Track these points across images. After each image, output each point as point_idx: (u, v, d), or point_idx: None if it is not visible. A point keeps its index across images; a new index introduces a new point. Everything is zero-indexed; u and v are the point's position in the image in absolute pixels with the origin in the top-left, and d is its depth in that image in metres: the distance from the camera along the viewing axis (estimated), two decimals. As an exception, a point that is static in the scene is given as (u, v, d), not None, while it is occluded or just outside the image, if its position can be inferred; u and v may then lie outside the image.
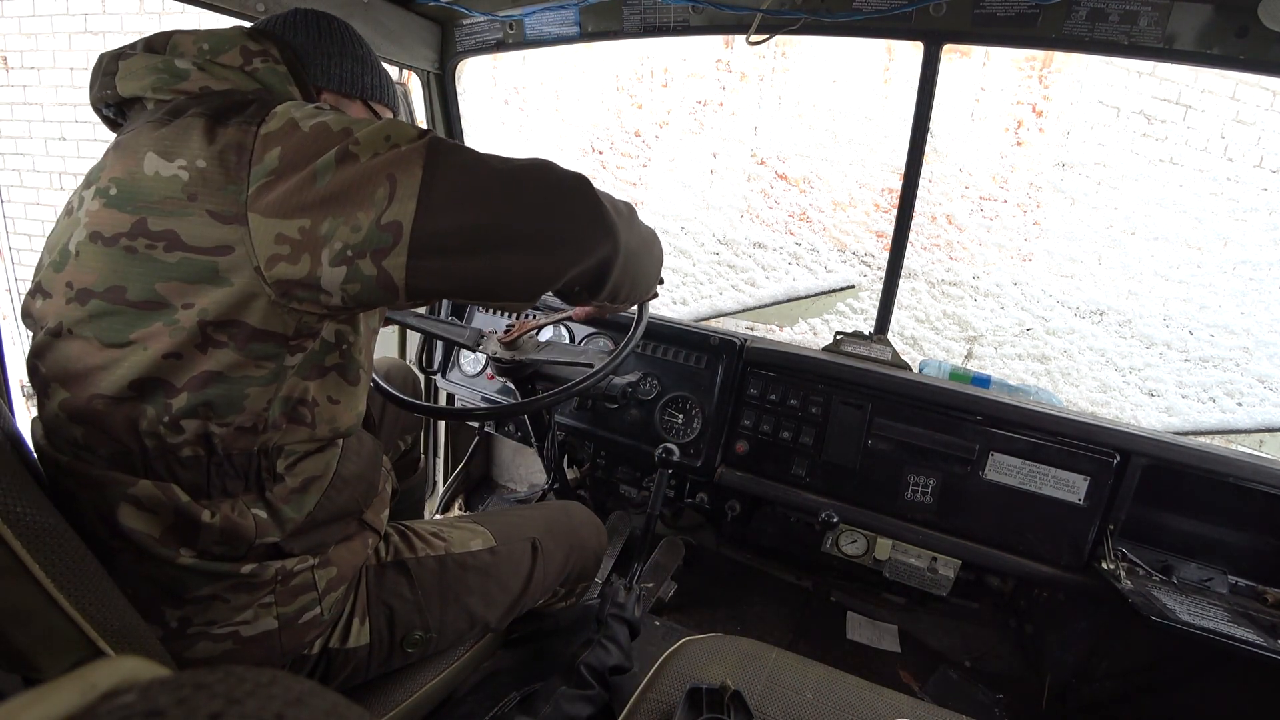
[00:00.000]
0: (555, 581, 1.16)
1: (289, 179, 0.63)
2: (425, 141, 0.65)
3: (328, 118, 0.66)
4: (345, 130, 0.65)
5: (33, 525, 0.57)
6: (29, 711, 0.17)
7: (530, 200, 0.66)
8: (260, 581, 0.75)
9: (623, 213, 0.77)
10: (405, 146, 0.64)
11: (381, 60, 1.56)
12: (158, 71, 0.72)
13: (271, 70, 0.78)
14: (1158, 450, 1.21)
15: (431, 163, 0.63)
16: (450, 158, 0.64)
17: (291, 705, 0.19)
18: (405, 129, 0.66)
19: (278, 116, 0.66)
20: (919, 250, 2.20)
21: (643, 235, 0.86)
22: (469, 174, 0.64)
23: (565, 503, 1.29)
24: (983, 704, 1.56)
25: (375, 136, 0.65)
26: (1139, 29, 1.13)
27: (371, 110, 0.91)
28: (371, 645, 0.89)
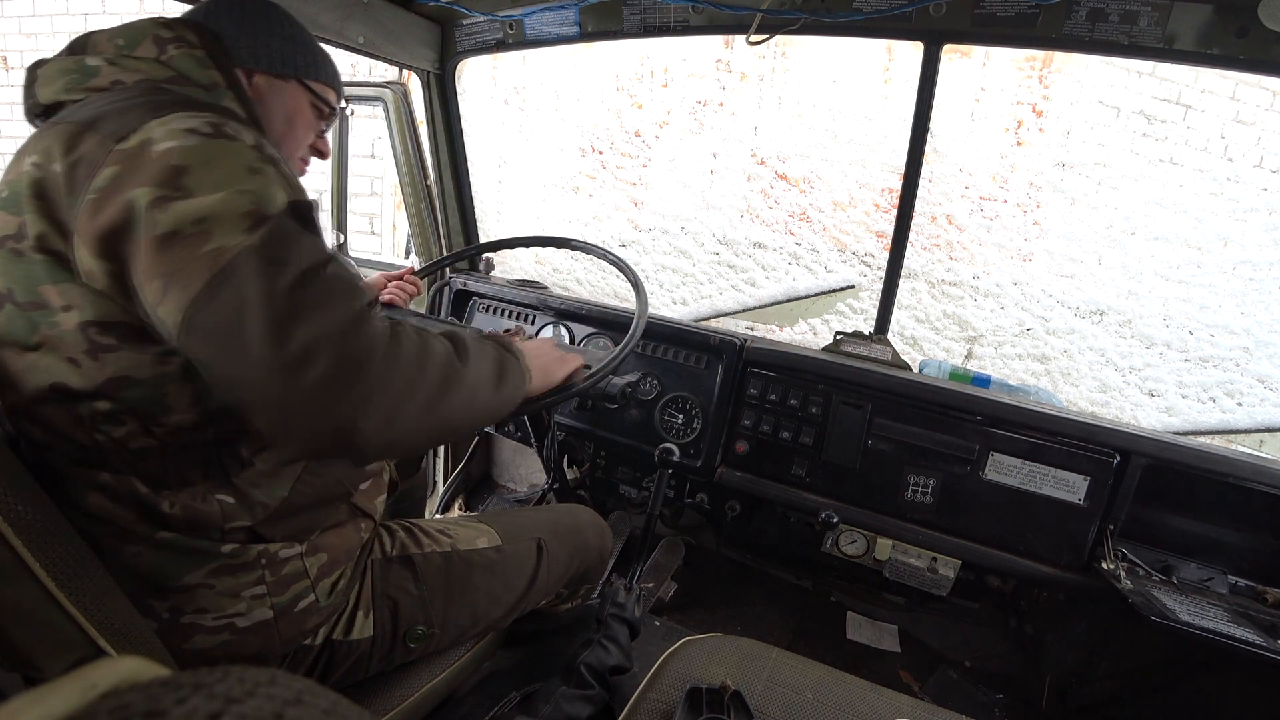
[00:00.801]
0: (559, 582, 1.16)
1: (106, 209, 0.59)
2: (234, 250, 0.57)
3: (184, 144, 0.61)
4: (179, 171, 0.59)
5: (33, 524, 0.57)
6: (29, 711, 0.17)
7: (283, 382, 0.57)
8: (243, 564, 0.74)
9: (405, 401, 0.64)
10: (206, 248, 0.57)
11: (382, 60, 1.56)
12: (69, 73, 0.72)
13: (187, 56, 0.75)
14: (1158, 450, 1.21)
15: (214, 283, 0.56)
16: (239, 286, 0.56)
17: (291, 704, 0.19)
18: (232, 218, 0.58)
19: (140, 133, 0.62)
20: (919, 250, 2.19)
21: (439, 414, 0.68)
22: (243, 316, 0.56)
23: (571, 505, 1.29)
24: (983, 704, 1.56)
25: (198, 207, 0.58)
26: (1139, 29, 1.13)
27: (310, 90, 0.88)
28: (375, 639, 0.89)
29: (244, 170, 0.62)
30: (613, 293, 2.31)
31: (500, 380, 0.79)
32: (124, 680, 0.19)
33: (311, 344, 0.57)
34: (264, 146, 0.67)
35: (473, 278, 1.93)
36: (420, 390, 0.65)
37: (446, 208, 1.96)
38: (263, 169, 0.64)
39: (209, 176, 0.60)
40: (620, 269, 1.38)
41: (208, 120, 0.64)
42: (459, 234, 2.01)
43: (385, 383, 0.61)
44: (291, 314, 0.57)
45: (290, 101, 0.86)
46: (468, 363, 0.72)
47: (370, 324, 0.62)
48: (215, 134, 0.63)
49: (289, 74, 0.85)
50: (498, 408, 0.79)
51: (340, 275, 0.64)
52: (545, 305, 1.78)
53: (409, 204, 1.99)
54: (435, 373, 0.67)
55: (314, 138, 0.93)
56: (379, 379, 0.61)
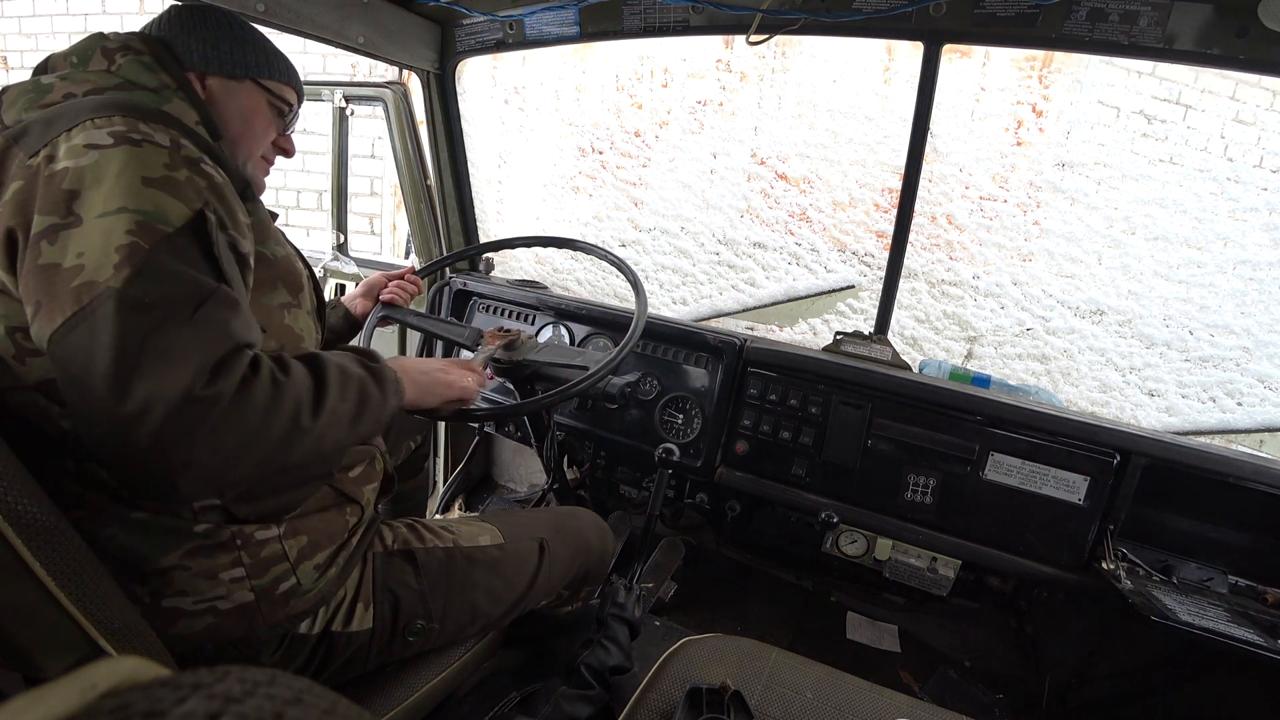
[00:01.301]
0: (560, 583, 1.16)
1: (6, 224, 0.62)
2: (100, 288, 0.58)
3: (82, 162, 0.62)
4: (70, 195, 0.61)
5: (34, 523, 0.57)
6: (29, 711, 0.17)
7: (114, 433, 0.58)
8: (218, 544, 0.75)
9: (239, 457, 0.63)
10: (76, 281, 0.59)
11: (382, 60, 1.56)
12: (27, 93, 0.74)
13: (135, 63, 0.77)
14: (1158, 450, 1.21)
15: (75, 319, 0.58)
16: (95, 328, 0.57)
17: (290, 704, 0.19)
18: (106, 253, 0.59)
19: (46, 149, 0.64)
20: (919, 250, 2.19)
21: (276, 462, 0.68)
22: (91, 359, 0.57)
23: (574, 508, 1.30)
24: (983, 704, 1.56)
25: (78, 239, 0.60)
26: (1139, 29, 1.13)
27: (265, 90, 0.89)
28: (374, 631, 0.89)
29: (137, 184, 0.63)
30: (613, 293, 2.31)
31: (358, 417, 0.76)
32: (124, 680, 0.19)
33: (147, 403, 0.57)
34: (179, 148, 0.68)
35: (473, 278, 1.93)
36: (257, 448, 0.64)
37: (446, 208, 1.96)
38: (169, 176, 0.65)
39: (98, 196, 0.61)
40: (620, 269, 1.38)
41: (114, 130, 0.65)
42: (459, 234, 2.01)
43: (216, 443, 0.61)
44: (135, 367, 0.58)
45: (246, 102, 0.87)
46: (321, 412, 0.71)
47: (218, 381, 0.61)
48: (118, 142, 0.64)
49: (242, 74, 0.86)
50: (352, 441, 0.78)
51: (209, 319, 0.63)
52: (545, 305, 1.78)
53: (409, 204, 1.99)
54: (279, 429, 0.66)
55: (276, 136, 0.94)
56: (208, 442, 0.60)
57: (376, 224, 3.65)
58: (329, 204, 2.22)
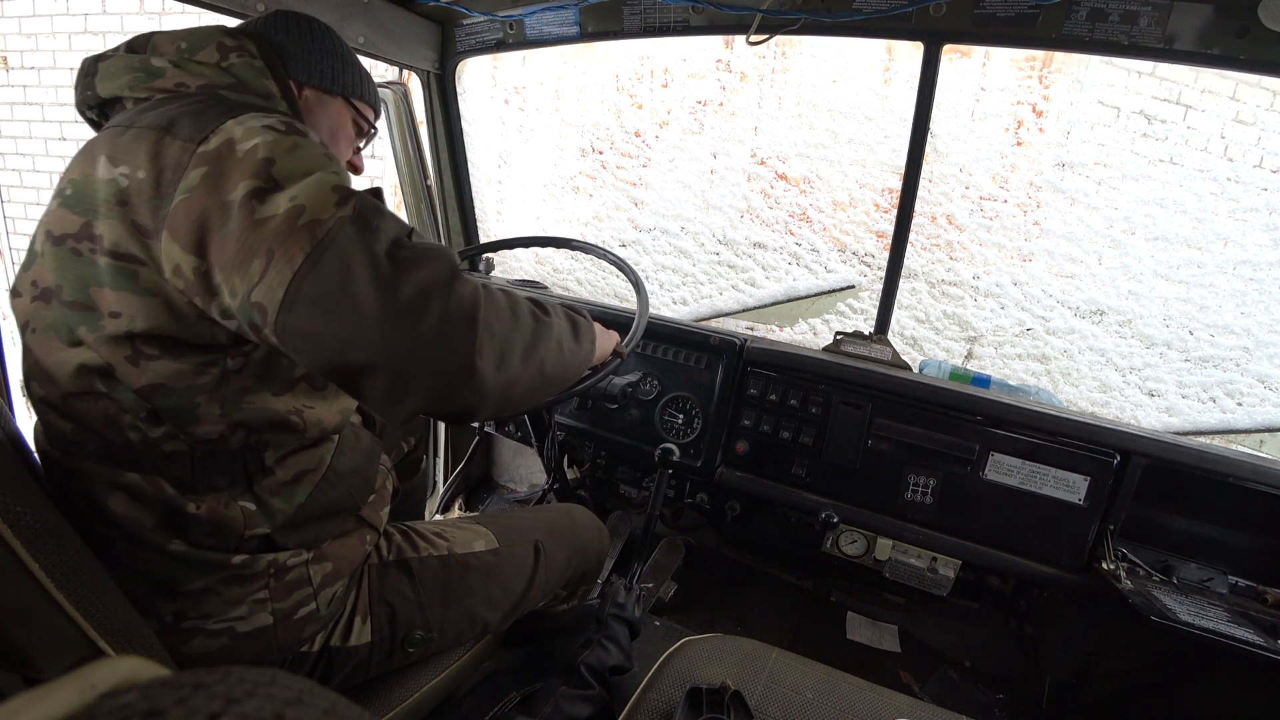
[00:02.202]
0: (557, 583, 1.16)
1: (201, 204, 0.61)
2: (331, 220, 0.60)
3: (265, 139, 0.63)
4: (267, 162, 0.62)
5: (32, 525, 0.57)
6: (29, 711, 0.17)
7: (399, 330, 0.59)
8: (252, 573, 0.75)
9: (509, 346, 0.67)
10: (303, 220, 0.59)
11: (382, 60, 1.56)
12: (134, 71, 0.73)
13: (248, 65, 0.78)
14: (1158, 450, 1.21)
15: (317, 252, 0.58)
16: (341, 251, 0.58)
17: (290, 704, 0.19)
18: (323, 194, 0.61)
19: (220, 134, 0.64)
20: (919, 250, 2.19)
21: (536, 360, 0.73)
22: (350, 277, 0.58)
23: (568, 505, 1.29)
24: (983, 704, 1.56)
25: (290, 190, 0.61)
26: (1139, 29, 1.13)
27: (354, 107, 0.91)
28: (373, 644, 0.89)
29: (324, 158, 0.65)
30: (613, 293, 2.31)
31: (577, 336, 0.83)
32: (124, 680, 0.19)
33: (421, 293, 0.59)
34: (324, 145, 0.70)
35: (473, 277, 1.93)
36: (519, 335, 0.69)
37: (446, 208, 1.96)
38: (336, 159, 0.67)
39: (296, 164, 0.63)
40: (621, 269, 1.38)
41: (280, 119, 0.67)
42: (459, 234, 2.01)
43: (491, 326, 0.65)
44: (396, 270, 0.60)
45: (335, 116, 0.90)
46: (551, 315, 0.77)
47: (466, 277, 0.65)
48: (289, 130, 0.66)
49: (337, 90, 0.89)
50: (578, 364, 0.83)
51: (426, 241, 0.66)
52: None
53: (409, 204, 1.99)
54: (527, 320, 0.71)
55: (352, 154, 0.96)
56: (485, 323, 0.64)
57: (376, 224, 3.64)
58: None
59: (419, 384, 0.61)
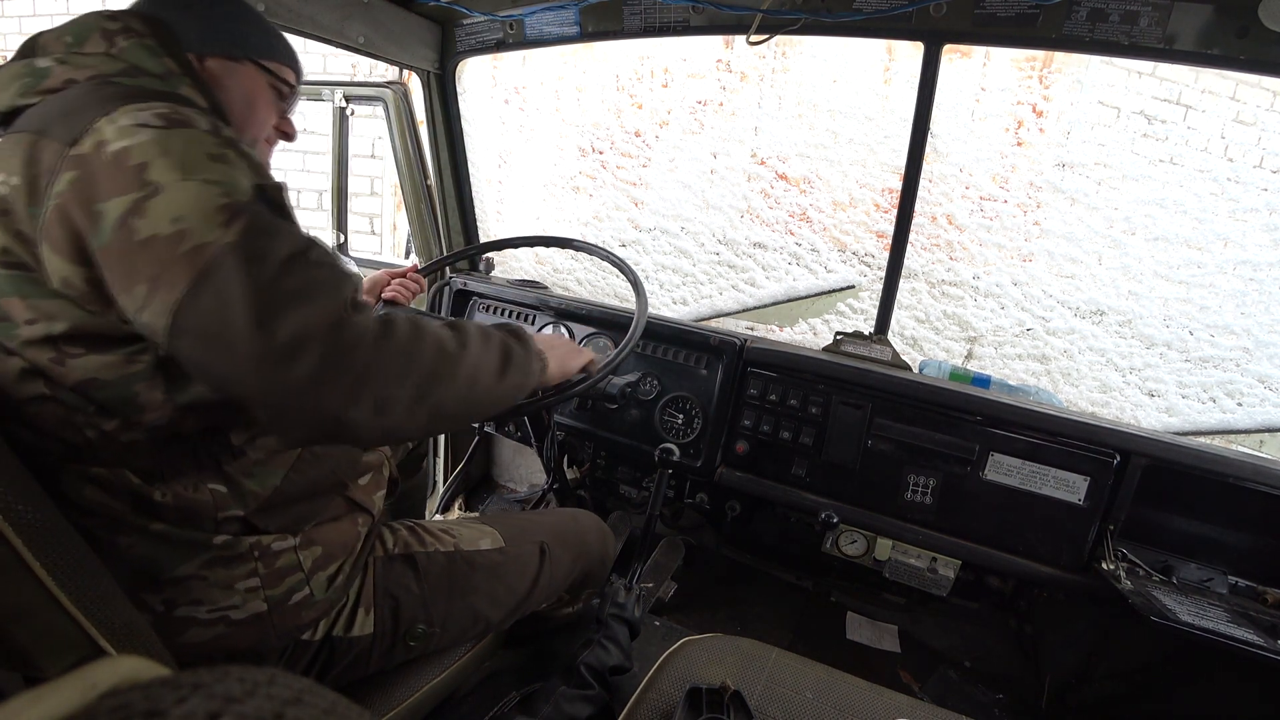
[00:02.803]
0: (561, 586, 1.16)
1: (72, 216, 0.59)
2: (213, 247, 0.56)
3: (138, 140, 0.59)
4: (140, 168, 0.58)
5: (33, 523, 0.57)
6: (29, 711, 0.17)
7: (274, 375, 0.57)
8: (235, 555, 0.75)
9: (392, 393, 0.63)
10: (184, 247, 0.56)
11: (382, 60, 1.56)
12: (21, 77, 0.70)
13: (137, 46, 0.73)
14: (1158, 450, 1.21)
15: (197, 282, 0.56)
16: (220, 284, 0.56)
17: (290, 704, 0.19)
18: (207, 214, 0.57)
19: (91, 134, 0.61)
20: (919, 250, 2.19)
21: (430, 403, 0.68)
22: (228, 314, 0.56)
23: (575, 510, 1.29)
24: (983, 704, 1.56)
25: (169, 206, 0.57)
26: (1139, 29, 1.13)
27: (267, 71, 0.85)
28: (375, 636, 0.89)
29: (205, 158, 0.61)
30: (613, 293, 2.31)
31: (505, 369, 0.77)
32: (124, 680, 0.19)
33: (298, 336, 0.57)
34: (219, 129, 0.66)
35: (473, 278, 1.93)
36: (411, 378, 0.65)
37: (446, 208, 1.96)
38: (223, 154, 0.63)
39: (173, 165, 0.59)
40: (620, 269, 1.38)
41: (156, 112, 0.63)
42: (459, 234, 2.01)
43: (374, 371, 0.61)
44: (276, 308, 0.57)
45: (247, 83, 0.84)
46: (466, 350, 0.72)
47: (357, 312, 0.62)
48: (167, 124, 0.62)
49: (241, 55, 0.82)
50: (502, 397, 0.78)
51: (323, 261, 0.63)
52: (545, 305, 1.78)
53: (409, 204, 1.99)
54: (428, 361, 0.67)
55: (277, 119, 0.90)
56: (367, 368, 0.61)
57: (376, 224, 3.65)
58: (329, 204, 2.22)
59: (295, 424, 0.61)
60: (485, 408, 0.77)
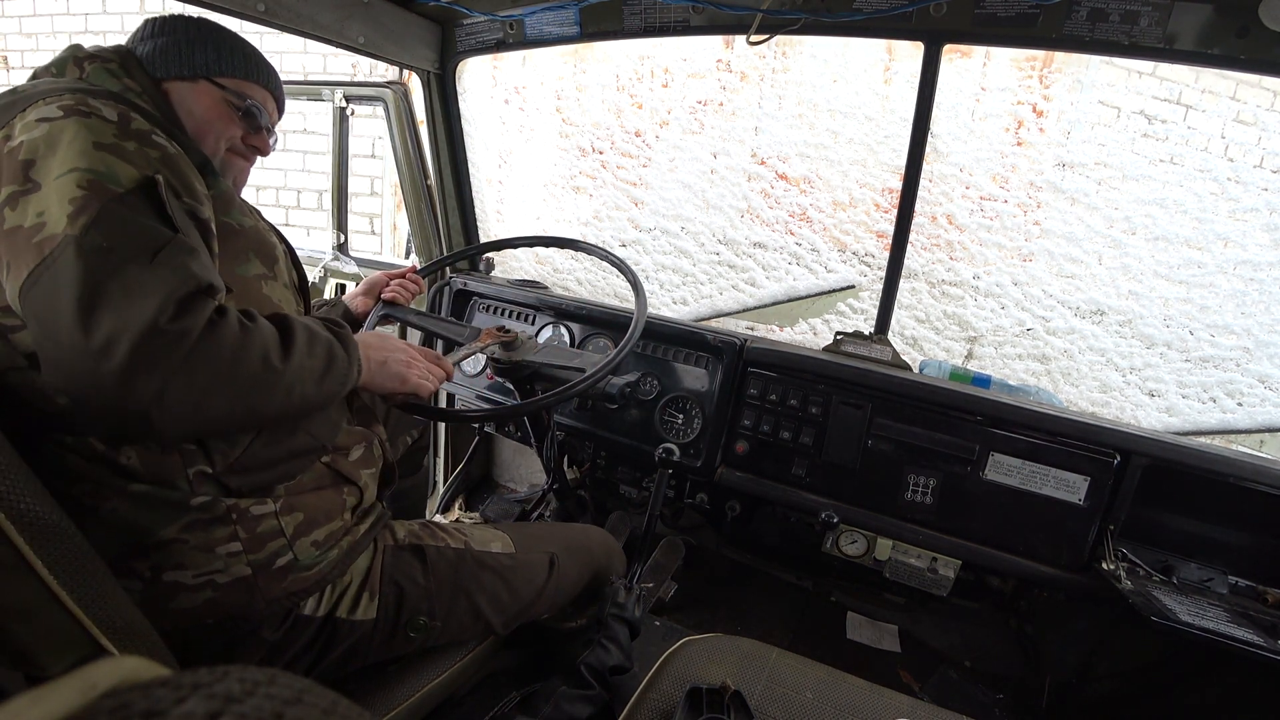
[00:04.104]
0: (566, 599, 1.17)
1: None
2: (58, 238, 0.61)
3: (35, 135, 0.65)
4: (26, 164, 0.64)
5: (36, 522, 0.57)
6: (30, 711, 0.17)
7: (84, 368, 0.59)
8: (214, 518, 0.76)
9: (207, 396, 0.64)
10: (38, 237, 0.61)
11: (382, 60, 1.56)
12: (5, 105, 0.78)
13: (101, 69, 0.81)
14: (1158, 450, 1.21)
15: (38, 270, 0.61)
16: (56, 275, 0.60)
17: (290, 704, 0.19)
18: (61, 206, 0.62)
19: (8, 127, 0.67)
20: (919, 250, 2.19)
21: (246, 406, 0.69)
22: (56, 304, 0.60)
23: (587, 526, 1.31)
24: (983, 704, 1.56)
25: (38, 202, 0.63)
26: (1139, 29, 1.13)
27: (219, 86, 0.90)
28: (377, 621, 0.90)
29: (89, 148, 0.65)
30: (613, 293, 2.31)
31: (325, 375, 0.78)
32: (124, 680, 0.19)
33: (113, 335, 0.59)
34: (129, 121, 0.70)
35: (473, 278, 1.93)
36: (228, 387, 0.66)
37: (447, 208, 1.96)
38: (116, 144, 0.67)
39: (53, 162, 0.64)
40: (620, 269, 1.38)
41: (65, 102, 0.68)
42: (459, 234, 2.01)
43: (186, 377, 0.63)
44: (98, 303, 0.60)
45: (199, 102, 0.89)
46: (290, 359, 0.72)
47: (185, 317, 0.63)
48: (69, 113, 0.67)
49: (190, 74, 0.89)
50: (319, 401, 0.78)
51: (167, 263, 0.64)
52: (545, 305, 1.78)
53: (409, 204, 1.99)
54: (249, 370, 0.68)
55: (242, 133, 0.93)
56: (179, 374, 0.62)
57: (377, 224, 3.65)
58: (329, 204, 2.22)
59: (95, 416, 0.63)
60: (301, 410, 0.77)
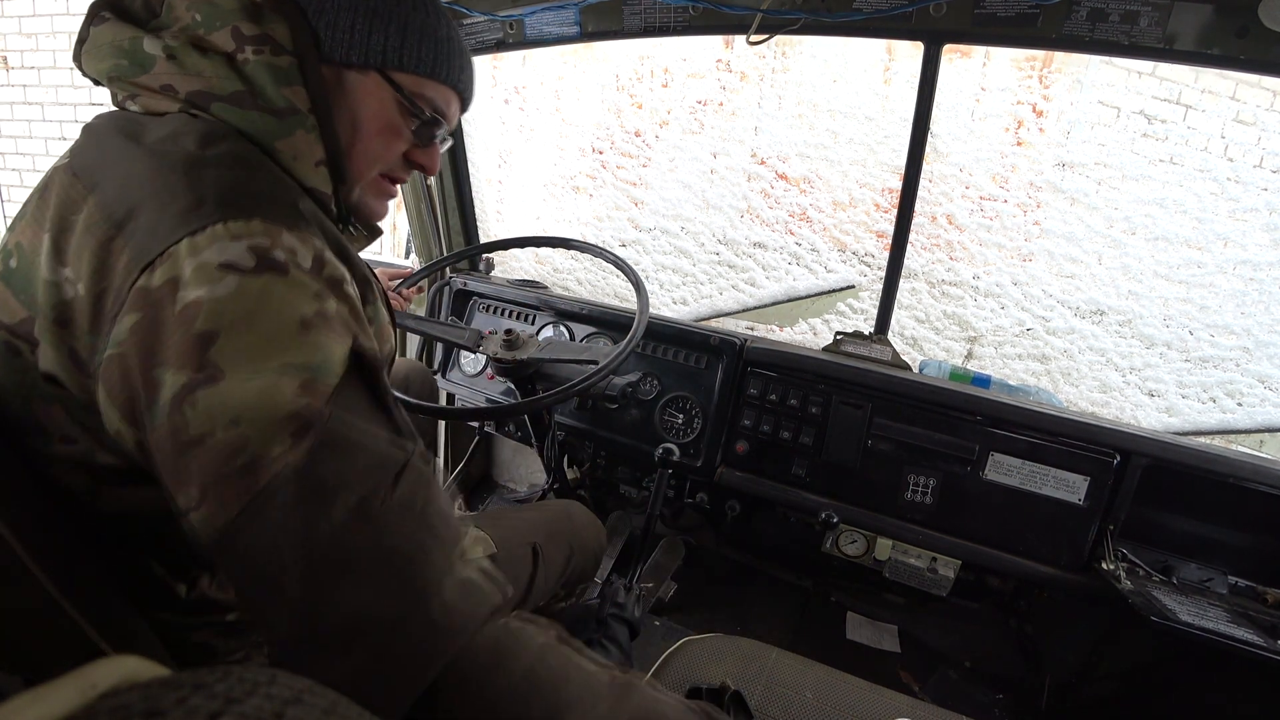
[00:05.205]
0: (555, 584, 1.15)
1: (131, 368, 0.48)
2: (273, 469, 0.45)
3: (216, 293, 0.46)
4: (204, 339, 0.46)
5: (33, 524, 0.57)
6: (29, 711, 0.17)
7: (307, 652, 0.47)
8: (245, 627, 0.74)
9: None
10: (241, 460, 0.45)
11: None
12: (119, 54, 0.56)
13: (266, 66, 0.58)
14: (1158, 450, 1.21)
15: (251, 510, 0.45)
16: (273, 521, 0.45)
17: (290, 704, 0.19)
18: (272, 424, 0.46)
19: (167, 262, 0.47)
20: (919, 250, 2.19)
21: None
22: (276, 560, 0.46)
23: (566, 503, 1.28)
24: (983, 704, 1.56)
25: (226, 402, 0.46)
26: (1139, 29, 1.13)
27: (393, 85, 0.65)
28: None
29: (294, 328, 0.48)
30: (613, 293, 2.31)
31: None
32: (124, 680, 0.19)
33: (351, 625, 0.45)
34: (323, 265, 0.52)
35: (473, 278, 1.93)
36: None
37: (446, 208, 1.96)
38: (322, 310, 0.50)
39: (246, 345, 0.47)
40: (621, 269, 1.38)
41: (256, 244, 0.49)
42: (459, 234, 2.01)
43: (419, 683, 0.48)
44: (336, 571, 0.46)
45: (362, 100, 0.65)
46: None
47: (441, 593, 0.48)
48: (259, 268, 0.48)
49: (361, 62, 0.63)
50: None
51: (412, 498, 0.50)
52: (545, 305, 1.78)
53: (409, 204, 1.99)
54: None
55: (405, 148, 0.71)
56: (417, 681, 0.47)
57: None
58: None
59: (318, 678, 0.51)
60: None
